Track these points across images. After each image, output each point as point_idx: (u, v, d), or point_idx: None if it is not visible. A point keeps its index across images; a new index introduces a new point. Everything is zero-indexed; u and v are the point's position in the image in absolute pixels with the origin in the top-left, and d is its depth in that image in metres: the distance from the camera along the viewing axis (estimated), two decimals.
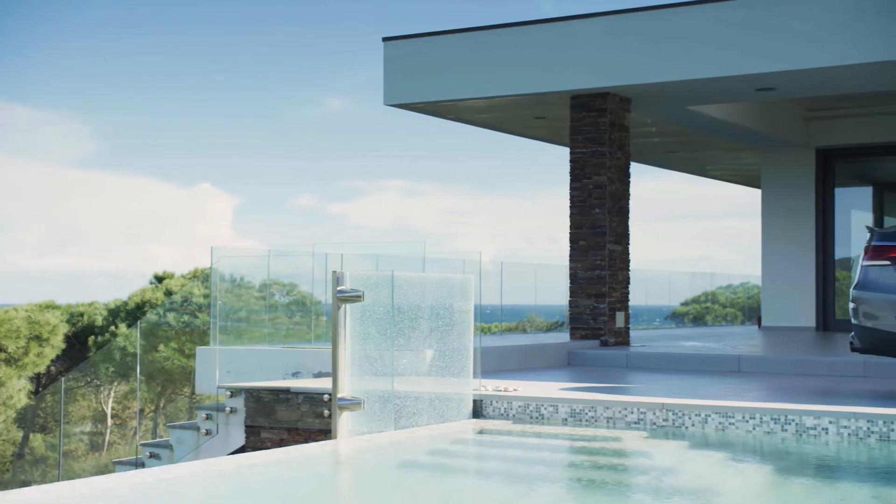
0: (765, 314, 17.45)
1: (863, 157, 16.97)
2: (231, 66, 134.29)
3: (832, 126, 16.56)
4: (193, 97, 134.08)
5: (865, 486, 5.85)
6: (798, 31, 11.27)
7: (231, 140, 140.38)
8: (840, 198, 16.94)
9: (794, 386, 9.20)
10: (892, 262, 8.09)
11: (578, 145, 12.82)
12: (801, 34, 11.25)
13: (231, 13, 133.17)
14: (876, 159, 17.10)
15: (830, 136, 16.59)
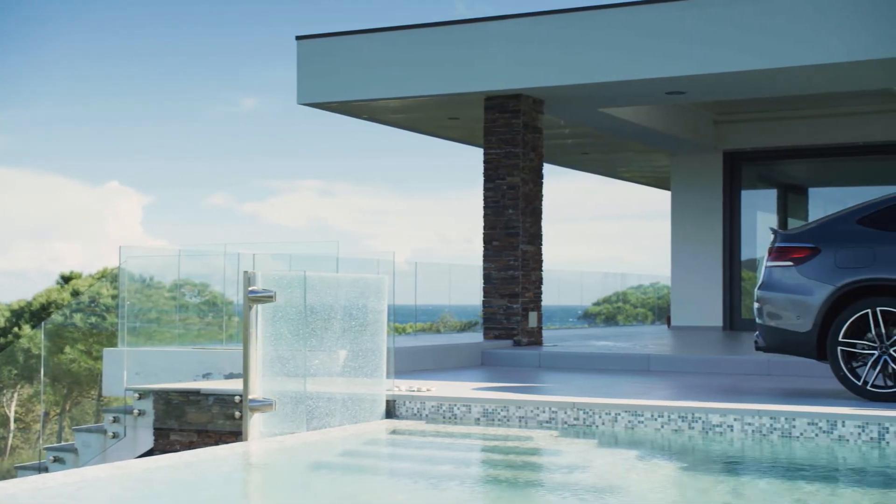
0: (674, 314, 17.76)
1: (768, 160, 17.39)
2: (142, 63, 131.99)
3: (739, 129, 16.94)
4: (103, 95, 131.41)
5: (767, 480, 6.00)
6: (707, 35, 11.50)
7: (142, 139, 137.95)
8: (746, 200, 17.33)
9: (702, 384, 9.38)
10: (794, 262, 8.30)
11: (492, 146, 12.90)
12: (711, 39, 11.48)
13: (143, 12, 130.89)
14: (781, 162, 17.55)
15: (737, 139, 16.97)
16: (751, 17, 11.25)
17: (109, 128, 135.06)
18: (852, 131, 16.09)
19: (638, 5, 11.87)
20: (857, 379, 7.91)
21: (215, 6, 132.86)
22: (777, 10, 11.15)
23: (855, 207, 8.34)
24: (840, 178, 17.76)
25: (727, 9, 11.38)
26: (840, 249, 8.11)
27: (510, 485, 5.89)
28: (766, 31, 11.19)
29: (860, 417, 6.97)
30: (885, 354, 7.81)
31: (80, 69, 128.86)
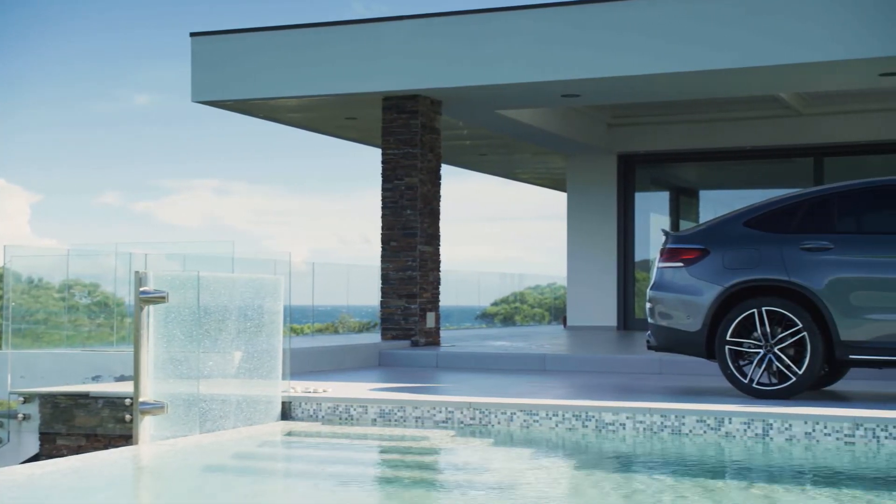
0: (570, 314, 18.01)
1: (661, 163, 17.77)
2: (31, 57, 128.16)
3: (633, 133, 17.27)
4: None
5: (658, 477, 6.12)
6: (601, 39, 11.68)
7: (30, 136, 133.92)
8: (640, 202, 17.68)
9: (596, 383, 9.53)
10: (684, 264, 8.49)
11: (390, 147, 12.89)
12: (605, 43, 11.67)
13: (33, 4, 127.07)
14: (673, 165, 17.95)
15: (631, 142, 17.29)
16: (645, 21, 11.47)
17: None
18: (741, 136, 16.55)
19: (535, 8, 12.01)
20: (743, 377, 8.13)
21: (106, 1, 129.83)
22: (671, 15, 11.39)
23: (742, 210, 8.58)
24: (729, 181, 18.24)
25: (621, 13, 11.58)
26: (728, 251, 8.33)
27: (406, 485, 5.89)
28: (660, 35, 11.43)
29: (746, 414, 7.17)
30: (770, 353, 8.05)
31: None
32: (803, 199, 8.38)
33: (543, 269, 49.75)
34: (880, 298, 7.82)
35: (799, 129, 16.19)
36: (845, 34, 10.66)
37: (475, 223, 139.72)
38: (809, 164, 16.40)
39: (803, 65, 11.02)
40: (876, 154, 16.13)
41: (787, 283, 8.05)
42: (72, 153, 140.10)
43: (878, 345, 7.81)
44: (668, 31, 11.39)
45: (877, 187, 8.28)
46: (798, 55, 10.87)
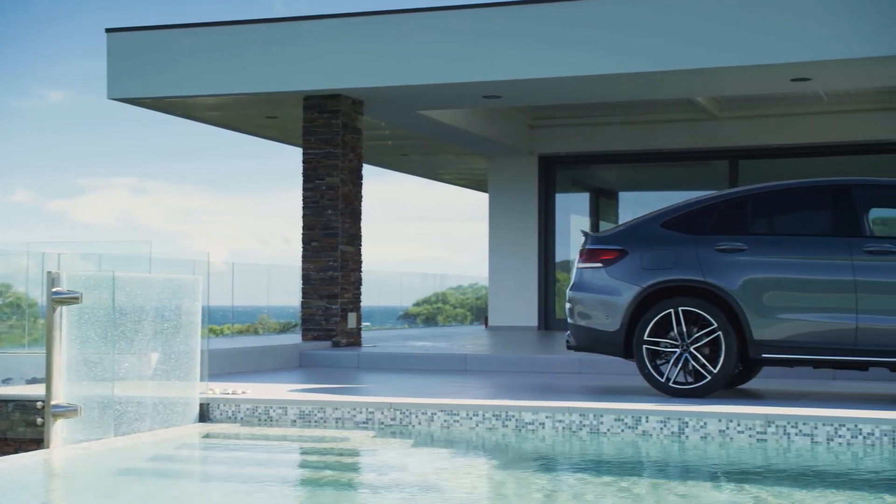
0: (491, 314, 18.09)
1: (581, 164, 17.96)
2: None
3: (553, 134, 17.42)
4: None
5: (576, 476, 6.18)
6: (522, 41, 11.75)
7: None
8: (560, 203, 17.84)
9: (516, 383, 9.59)
10: (603, 264, 8.59)
11: (311, 146, 12.81)
12: (525, 45, 11.74)
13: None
14: (592, 167, 18.15)
15: (552, 143, 17.44)
16: (565, 24, 11.57)
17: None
18: (659, 138, 16.80)
19: (456, 9, 12.04)
20: (660, 376, 8.26)
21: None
22: (591, 18, 11.51)
23: (659, 211, 8.70)
24: (648, 182, 18.51)
25: (542, 15, 11.67)
26: (646, 252, 8.45)
27: (326, 486, 5.85)
28: (580, 39, 11.54)
29: (662, 413, 7.27)
30: (686, 352, 8.19)
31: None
32: (718, 201, 8.53)
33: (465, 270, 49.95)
34: (792, 298, 8.01)
35: (714, 132, 16.50)
36: (758, 40, 10.89)
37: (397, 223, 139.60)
38: (725, 166, 16.73)
39: (717, 69, 11.23)
40: (788, 157, 16.52)
41: (703, 284, 8.19)
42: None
43: (789, 344, 7.99)
44: (587, 35, 11.51)
45: (789, 190, 8.48)
46: (711, 60, 11.06)
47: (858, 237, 7.98)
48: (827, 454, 6.64)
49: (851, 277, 7.83)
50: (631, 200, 18.45)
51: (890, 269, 7.78)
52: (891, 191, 8.70)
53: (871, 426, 6.80)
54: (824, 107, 15.68)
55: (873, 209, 9.04)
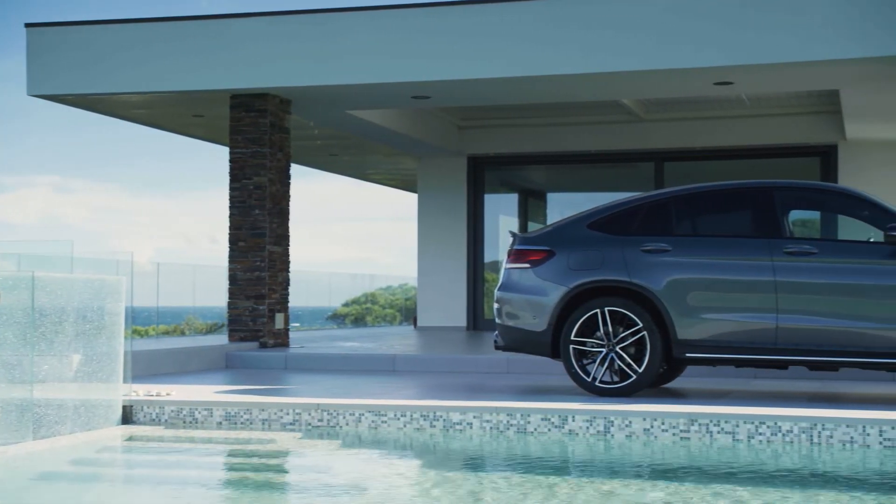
0: (420, 314, 18.10)
1: (509, 165, 18.05)
2: None
3: (482, 135, 17.48)
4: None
5: (503, 475, 6.21)
6: (450, 42, 11.77)
7: None
8: (489, 203, 17.91)
9: (444, 383, 9.60)
10: (531, 265, 8.64)
11: (238, 145, 12.68)
12: (454, 46, 11.75)
13: None
14: (521, 168, 18.25)
15: (481, 144, 17.50)
16: (493, 25, 11.61)
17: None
18: (586, 140, 16.96)
19: (385, 9, 12.01)
20: (587, 376, 8.33)
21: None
22: (518, 19, 11.56)
23: (586, 212, 8.79)
24: (576, 183, 18.68)
25: (471, 17, 11.69)
26: (572, 252, 8.52)
27: (251, 488, 5.80)
28: (508, 40, 11.59)
29: (588, 412, 7.34)
30: (612, 352, 8.28)
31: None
32: (643, 203, 8.64)
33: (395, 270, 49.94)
34: (714, 298, 8.14)
35: (640, 134, 16.71)
36: (681, 44, 11.04)
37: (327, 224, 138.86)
38: (651, 168, 16.95)
39: (641, 72, 11.37)
40: (712, 160, 16.81)
41: (629, 284, 8.29)
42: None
43: (712, 343, 8.12)
44: (514, 37, 11.56)
45: (712, 192, 8.62)
46: (635, 63, 11.19)
47: (778, 238, 8.14)
48: (748, 451, 6.77)
49: (772, 278, 7.99)
50: (559, 201, 18.60)
51: (808, 270, 7.96)
52: (810, 193, 8.90)
53: (790, 424, 6.95)
54: (746, 110, 15.98)
55: (793, 211, 9.24)
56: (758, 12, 10.77)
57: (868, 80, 11.72)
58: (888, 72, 11.18)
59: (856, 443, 6.80)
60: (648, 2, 11.14)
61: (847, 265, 7.93)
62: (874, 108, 13.44)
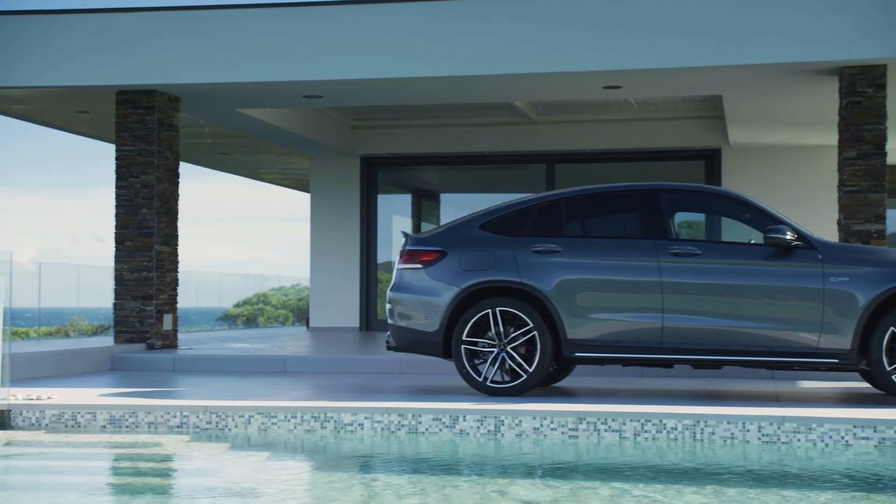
0: (313, 315, 17.97)
1: (403, 165, 18.06)
2: None
3: (375, 135, 17.45)
4: None
5: (395, 476, 6.20)
6: (342, 41, 11.70)
7: None
8: (383, 204, 17.89)
9: (336, 384, 9.55)
10: (423, 265, 8.66)
11: (125, 143, 12.39)
12: (345, 45, 11.69)
13: None
14: (414, 168, 18.28)
15: (374, 144, 17.47)
16: (384, 25, 11.60)
17: None
18: (479, 141, 17.08)
19: (275, 7, 11.88)
20: (478, 375, 8.39)
21: None
22: (408, 21, 11.57)
23: (478, 213, 8.85)
24: (469, 184, 18.78)
25: (363, 16, 11.65)
26: (464, 253, 8.57)
27: (136, 493, 5.67)
28: (399, 40, 11.59)
29: (479, 412, 7.39)
30: (503, 352, 8.35)
31: None
32: (534, 204, 8.74)
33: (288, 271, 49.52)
34: (602, 299, 8.28)
35: (532, 136, 16.91)
36: (571, 48, 11.20)
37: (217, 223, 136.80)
38: (542, 170, 17.17)
39: (532, 75, 11.50)
40: (602, 162, 17.11)
41: (520, 285, 8.38)
42: None
43: (600, 343, 8.26)
44: (406, 37, 11.57)
45: (600, 194, 8.77)
46: (526, 66, 11.31)
47: (664, 240, 8.32)
48: (634, 449, 6.90)
49: (658, 279, 8.17)
50: (452, 202, 18.67)
51: (693, 271, 8.16)
52: (694, 196, 9.14)
53: (675, 421, 7.11)
54: (635, 114, 16.32)
55: (679, 213, 9.48)
56: (645, 18, 11.00)
57: (749, 87, 12.09)
58: (768, 78, 11.55)
59: (736, 439, 7.00)
60: (539, 6, 11.27)
61: (729, 266, 8.16)
62: (755, 113, 13.87)
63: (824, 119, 13.01)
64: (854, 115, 10.84)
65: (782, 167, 16.35)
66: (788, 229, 8.06)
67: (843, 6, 10.51)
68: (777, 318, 7.98)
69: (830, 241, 8.29)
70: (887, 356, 7.80)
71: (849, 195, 10.84)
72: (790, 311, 7.97)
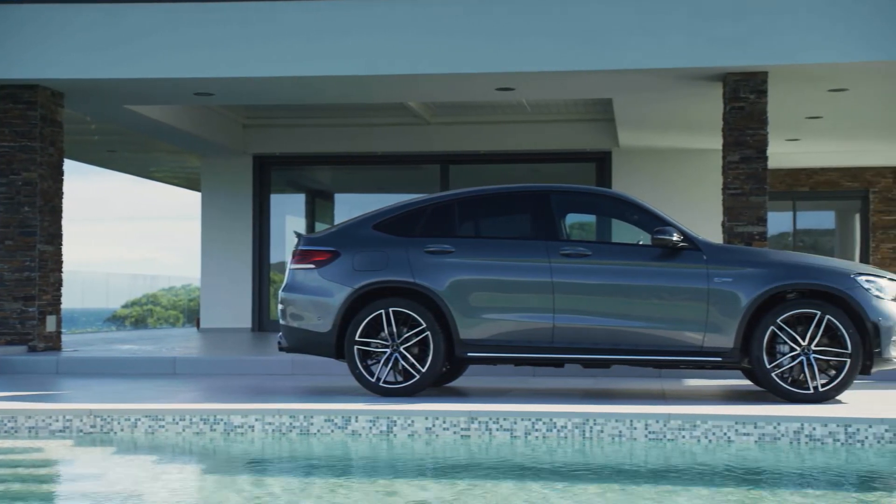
0: (204, 316, 17.68)
1: (296, 165, 17.91)
2: None
3: (268, 134, 17.26)
4: None
5: (286, 478, 6.14)
6: (232, 38, 11.51)
7: None
8: (276, 203, 17.71)
9: (227, 386, 9.41)
10: (316, 265, 8.60)
11: (6, 139, 11.99)
12: (235, 42, 11.50)
13: None
14: (308, 168, 18.15)
15: (267, 143, 17.28)
16: (275, 23, 11.47)
17: None
18: (373, 141, 17.05)
19: (163, 2, 11.63)
20: (371, 376, 8.37)
21: None
22: (300, 19, 11.46)
23: (371, 213, 8.83)
24: (363, 185, 18.74)
25: (252, 13, 11.50)
26: (358, 253, 8.54)
27: (18, 498, 5.48)
28: (289, 39, 11.47)
29: (371, 412, 7.37)
30: (396, 352, 8.35)
31: None
32: (427, 205, 8.76)
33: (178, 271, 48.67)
34: (495, 299, 8.35)
35: (427, 137, 16.96)
36: (465, 49, 11.25)
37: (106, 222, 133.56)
38: (436, 170, 17.23)
39: (425, 76, 11.52)
40: (495, 163, 17.25)
41: (413, 285, 8.38)
42: None
43: (492, 343, 8.32)
44: (298, 35, 11.46)
45: (493, 195, 8.84)
46: (419, 66, 11.33)
47: (556, 241, 8.43)
48: (525, 447, 6.97)
49: (549, 279, 8.27)
50: (346, 202, 18.60)
51: (583, 271, 8.28)
52: (585, 197, 9.28)
53: (565, 419, 7.21)
54: (528, 116, 16.50)
55: (570, 214, 9.61)
56: (538, 21, 11.12)
57: (638, 91, 12.34)
58: (655, 83, 11.81)
59: (624, 436, 7.13)
60: (433, 8, 11.29)
61: (617, 267, 8.30)
62: (644, 117, 14.17)
63: (709, 123, 13.37)
64: (737, 120, 11.16)
65: (670, 170, 16.74)
66: (675, 231, 8.24)
67: (726, 14, 10.81)
68: (664, 318, 8.15)
69: (715, 242, 8.50)
70: (768, 354, 8.04)
71: (732, 198, 11.16)
72: (676, 310, 8.15)
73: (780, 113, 13.00)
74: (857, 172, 19.37)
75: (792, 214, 19.95)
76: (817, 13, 10.68)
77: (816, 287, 8.06)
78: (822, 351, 7.98)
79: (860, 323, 7.96)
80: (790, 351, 8.03)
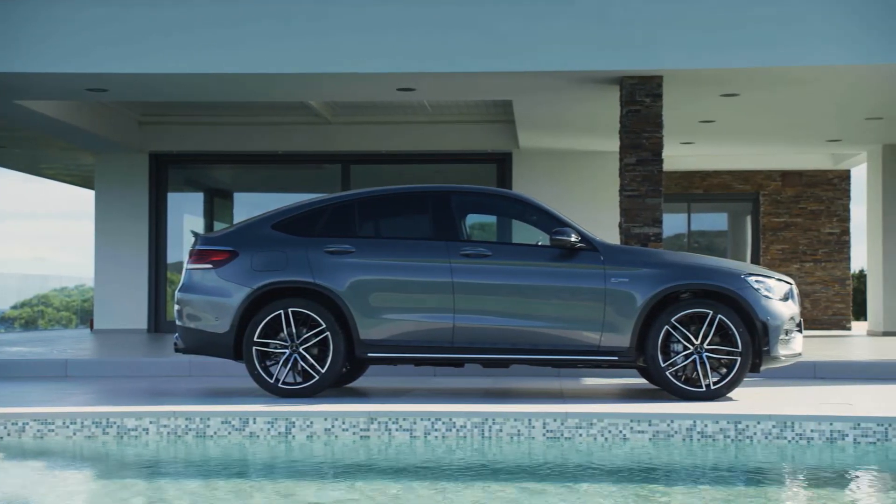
0: (98, 317, 17.28)
1: (194, 163, 17.63)
2: None
3: (166, 132, 16.95)
4: None
5: (181, 481, 6.04)
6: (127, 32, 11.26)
7: None
8: (173, 202, 17.40)
9: (122, 388, 9.21)
10: (213, 265, 8.48)
11: None
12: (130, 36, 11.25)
13: None
14: (207, 166, 17.87)
15: (164, 141, 16.97)
16: (172, 19, 11.26)
17: None
18: (274, 140, 16.89)
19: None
20: (269, 377, 8.29)
21: None
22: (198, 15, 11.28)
23: (270, 213, 8.74)
24: (264, 184, 18.54)
25: (148, 7, 11.27)
26: (256, 253, 8.45)
27: None
28: (187, 35, 11.28)
29: (269, 414, 7.29)
30: (296, 353, 8.28)
31: None
32: (327, 205, 8.71)
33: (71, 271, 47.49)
34: (395, 299, 8.35)
35: (328, 136, 16.86)
36: (365, 48, 11.22)
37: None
38: (338, 170, 17.14)
39: (325, 75, 11.45)
40: (396, 163, 17.24)
41: (313, 285, 8.33)
42: None
43: (393, 343, 8.32)
44: (195, 31, 11.27)
45: (394, 195, 8.84)
46: (319, 65, 11.24)
47: (456, 241, 8.46)
48: (424, 447, 6.98)
49: (449, 279, 8.30)
50: (246, 202, 18.38)
51: (483, 272, 8.33)
52: (485, 198, 9.33)
53: (464, 419, 7.24)
54: (429, 116, 16.54)
55: (470, 215, 9.67)
56: (438, 21, 11.16)
57: (536, 93, 12.48)
58: (554, 85, 11.95)
59: (522, 435, 7.20)
60: (335, 7, 11.23)
61: (517, 267, 8.38)
62: (543, 119, 14.33)
63: (607, 126, 13.59)
64: (633, 122, 11.37)
65: (569, 171, 16.97)
66: (573, 231, 8.35)
67: (623, 19, 11.01)
68: (562, 318, 8.25)
69: (612, 243, 8.64)
70: (662, 353, 8.21)
71: (629, 199, 11.36)
72: (574, 310, 8.26)
73: (676, 117, 13.31)
74: (749, 175, 19.94)
75: (687, 216, 20.42)
76: (711, 19, 10.95)
77: (709, 287, 8.26)
78: (713, 350, 8.18)
79: (750, 322, 8.18)
80: (684, 350, 8.21)
